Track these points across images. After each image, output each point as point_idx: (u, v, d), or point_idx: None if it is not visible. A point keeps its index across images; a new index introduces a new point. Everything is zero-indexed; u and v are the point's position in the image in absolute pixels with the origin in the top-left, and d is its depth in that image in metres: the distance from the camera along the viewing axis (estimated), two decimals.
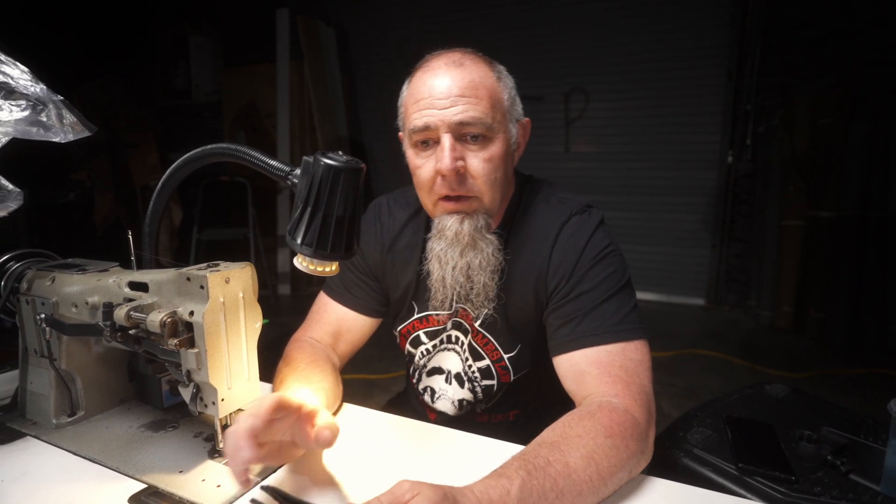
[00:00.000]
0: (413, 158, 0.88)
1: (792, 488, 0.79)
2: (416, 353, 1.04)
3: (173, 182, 0.77)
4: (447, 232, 0.87)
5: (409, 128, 0.85)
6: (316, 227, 0.62)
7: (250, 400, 0.74)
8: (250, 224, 4.21)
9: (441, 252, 0.88)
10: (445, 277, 0.89)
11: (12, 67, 0.67)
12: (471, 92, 0.82)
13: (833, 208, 3.19)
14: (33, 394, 0.86)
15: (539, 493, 0.59)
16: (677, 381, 2.74)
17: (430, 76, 0.84)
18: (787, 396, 1.10)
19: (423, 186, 0.88)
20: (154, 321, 0.66)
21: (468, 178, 0.84)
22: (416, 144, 0.87)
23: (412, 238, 1.00)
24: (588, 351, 0.80)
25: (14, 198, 0.71)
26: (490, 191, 0.86)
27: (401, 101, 0.92)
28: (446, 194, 0.85)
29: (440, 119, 0.82)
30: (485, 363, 0.98)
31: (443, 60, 0.84)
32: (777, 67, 3.54)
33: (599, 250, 0.87)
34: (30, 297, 0.83)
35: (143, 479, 0.70)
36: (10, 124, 0.66)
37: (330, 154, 0.62)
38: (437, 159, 0.83)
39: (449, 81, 0.82)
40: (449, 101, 0.81)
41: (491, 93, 0.84)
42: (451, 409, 1.03)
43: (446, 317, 0.98)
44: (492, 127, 0.83)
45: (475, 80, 0.82)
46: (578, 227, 0.89)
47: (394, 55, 4.61)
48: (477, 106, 0.82)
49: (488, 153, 0.84)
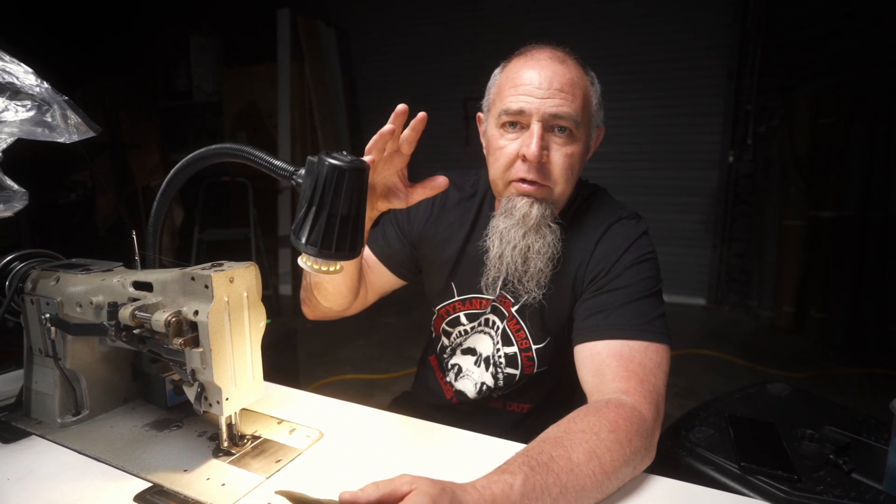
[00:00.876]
0: (497, 138, 0.91)
1: (794, 487, 0.79)
2: (454, 332, 1.07)
3: (178, 182, 0.77)
4: (516, 212, 0.90)
5: (503, 108, 0.88)
6: (320, 226, 0.62)
7: (254, 399, 0.74)
8: (251, 224, 4.21)
9: (504, 230, 0.91)
10: (504, 255, 0.91)
11: (17, 67, 0.67)
12: (569, 89, 0.86)
13: (834, 208, 3.20)
14: (38, 393, 0.86)
15: (542, 488, 0.59)
16: (678, 381, 2.74)
17: (534, 64, 0.87)
18: (789, 395, 1.10)
19: (501, 165, 0.91)
20: (159, 320, 0.66)
21: (548, 168, 0.89)
22: (504, 125, 0.90)
23: (459, 217, 1.04)
24: (611, 343, 0.82)
25: (19, 198, 0.71)
26: (563, 183, 0.90)
27: (493, 82, 0.95)
28: (523, 178, 0.89)
29: (536, 107, 0.86)
30: (513, 350, 1.01)
31: (546, 53, 0.89)
32: (778, 67, 3.54)
33: (641, 254, 0.90)
34: (34, 297, 0.83)
35: (149, 477, 0.71)
36: (16, 125, 0.67)
37: (334, 154, 0.62)
38: (524, 144, 0.87)
39: (550, 74, 0.86)
40: (548, 93, 0.85)
41: (584, 94, 0.89)
42: (472, 391, 1.05)
43: (487, 301, 1.00)
44: (579, 125, 0.88)
45: (574, 79, 0.87)
46: (626, 228, 0.94)
47: (395, 55, 4.62)
48: (572, 103, 0.86)
49: (570, 149, 0.89)
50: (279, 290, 4.49)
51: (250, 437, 0.80)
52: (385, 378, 2.82)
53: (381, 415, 0.90)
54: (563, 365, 0.98)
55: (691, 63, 3.79)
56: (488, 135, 0.95)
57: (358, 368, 2.93)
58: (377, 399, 2.53)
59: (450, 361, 1.09)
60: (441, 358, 1.12)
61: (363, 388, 2.73)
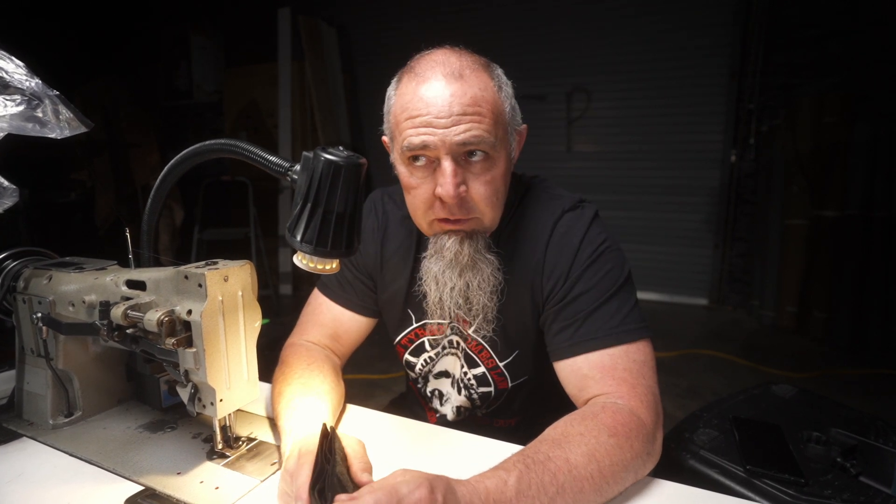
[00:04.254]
0: (406, 177, 0.81)
1: (802, 491, 0.78)
2: (419, 361, 1.01)
3: (172, 178, 0.76)
4: (446, 253, 0.82)
5: (404, 144, 0.77)
6: (316, 223, 0.61)
7: (249, 400, 0.73)
8: (251, 224, 4.20)
9: (439, 272, 0.84)
10: (443, 299, 0.85)
11: (6, 62, 0.66)
12: (473, 108, 0.74)
13: (836, 208, 3.18)
14: (30, 394, 0.85)
15: (538, 485, 0.58)
16: (680, 382, 2.73)
17: (426, 88, 0.75)
18: (794, 397, 1.09)
19: (419, 207, 0.82)
20: (151, 320, 0.65)
21: (469, 202, 0.79)
22: (410, 161, 0.79)
23: (403, 241, 0.96)
24: (590, 356, 0.78)
25: (10, 194, 0.70)
26: (491, 211, 0.81)
27: (388, 108, 0.83)
28: (446, 217, 0.80)
29: (440, 139, 0.74)
30: (480, 370, 0.96)
31: (439, 70, 0.75)
32: (780, 67, 3.52)
33: (595, 248, 0.83)
34: (26, 296, 0.81)
35: (141, 480, 0.69)
36: (6, 119, 0.65)
37: (330, 149, 0.61)
38: (438, 184, 0.76)
39: (448, 96, 0.73)
40: (450, 120, 0.73)
41: (493, 107, 0.77)
42: (450, 414, 1.01)
43: (445, 325, 0.95)
44: (495, 145, 0.77)
45: (477, 95, 0.75)
46: (571, 224, 0.85)
47: (395, 55, 4.55)
48: (480, 124, 0.74)
49: (490, 175, 0.78)
50: (279, 290, 4.48)
51: (245, 439, 0.78)
52: (385, 378, 2.80)
53: (379, 416, 0.88)
54: (543, 372, 0.91)
55: (693, 62, 3.77)
56: (398, 170, 0.84)
57: (357, 369, 2.91)
58: (377, 399, 2.52)
59: (426, 389, 1.04)
60: (417, 386, 1.07)
61: (363, 388, 2.71)
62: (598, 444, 0.64)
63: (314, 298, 1.02)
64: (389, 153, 0.87)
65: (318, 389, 0.80)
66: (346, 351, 1.01)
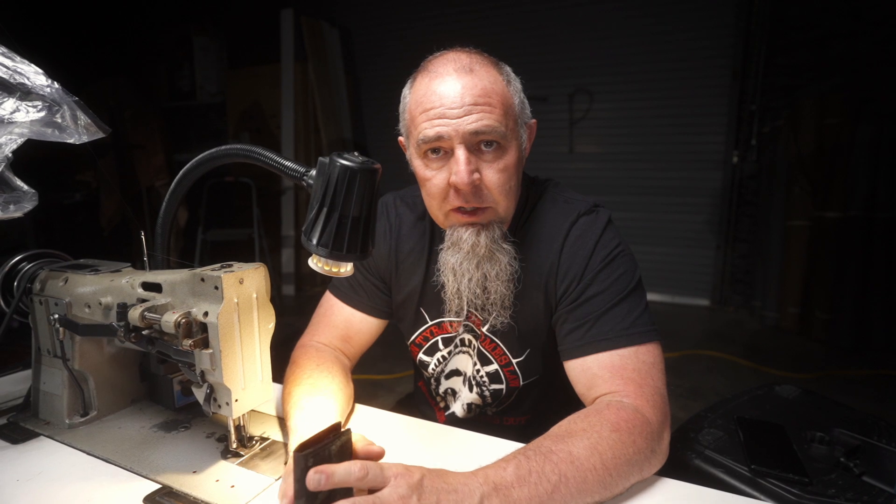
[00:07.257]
0: (422, 169, 0.84)
1: (806, 490, 0.79)
2: (432, 360, 1.03)
3: (187, 182, 0.77)
4: (463, 244, 0.85)
5: (419, 138, 0.81)
6: (332, 227, 0.62)
7: (263, 401, 0.74)
8: (255, 224, 4.21)
9: (456, 264, 0.86)
10: (461, 289, 0.88)
11: (27, 67, 0.67)
12: (484, 99, 0.78)
13: (839, 209, 3.18)
14: (46, 394, 0.86)
15: (538, 473, 0.60)
16: (682, 382, 2.74)
17: (439, 83, 0.79)
18: (798, 397, 1.10)
19: (435, 197, 0.85)
20: (168, 322, 0.66)
21: (483, 190, 0.82)
22: (426, 154, 0.83)
23: (418, 242, 0.99)
24: (600, 356, 0.80)
25: (29, 198, 0.71)
26: (505, 200, 0.84)
27: (403, 107, 0.87)
28: (460, 206, 0.83)
29: (454, 129, 0.77)
30: (493, 368, 0.98)
31: (451, 66, 0.80)
32: (782, 68, 3.53)
33: (609, 252, 0.86)
34: (43, 298, 0.83)
35: (158, 479, 0.70)
36: (26, 125, 0.66)
37: (346, 155, 0.62)
38: (453, 172, 0.79)
39: (460, 88, 0.77)
40: (462, 110, 0.77)
41: (503, 99, 0.80)
42: (460, 412, 1.03)
43: (458, 323, 0.97)
44: (506, 135, 0.80)
45: (487, 87, 0.79)
46: (586, 228, 0.88)
47: (398, 56, 4.62)
48: (491, 114, 0.78)
49: (503, 163, 0.81)
50: (282, 290, 4.49)
51: (259, 439, 0.80)
52: (390, 378, 2.82)
53: (387, 416, 0.89)
54: (553, 371, 0.94)
55: (695, 63, 3.78)
56: (414, 165, 0.87)
57: (362, 369, 2.92)
58: (380, 400, 2.53)
59: (440, 389, 1.06)
60: (429, 386, 1.09)
61: (368, 388, 2.73)
62: (600, 438, 0.66)
63: (326, 300, 1.04)
64: (405, 152, 0.90)
65: (326, 390, 0.82)
66: (356, 352, 1.03)
